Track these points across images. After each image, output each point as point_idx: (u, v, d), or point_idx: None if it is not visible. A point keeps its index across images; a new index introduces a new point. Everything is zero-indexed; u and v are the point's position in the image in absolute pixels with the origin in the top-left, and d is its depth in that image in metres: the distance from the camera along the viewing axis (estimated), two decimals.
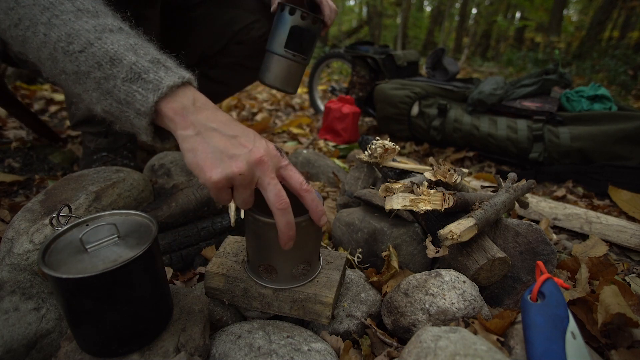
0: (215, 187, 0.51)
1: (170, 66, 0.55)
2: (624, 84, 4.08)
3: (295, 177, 0.56)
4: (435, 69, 2.24)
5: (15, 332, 0.53)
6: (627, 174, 1.38)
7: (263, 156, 0.52)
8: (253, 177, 0.52)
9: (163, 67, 0.53)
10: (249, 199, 0.54)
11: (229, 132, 0.53)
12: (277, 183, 0.53)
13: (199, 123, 0.52)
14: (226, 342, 0.57)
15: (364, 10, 14.82)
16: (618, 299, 0.62)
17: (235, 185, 0.52)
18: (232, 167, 0.50)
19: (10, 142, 1.45)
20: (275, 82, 1.09)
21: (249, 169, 0.51)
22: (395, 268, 0.76)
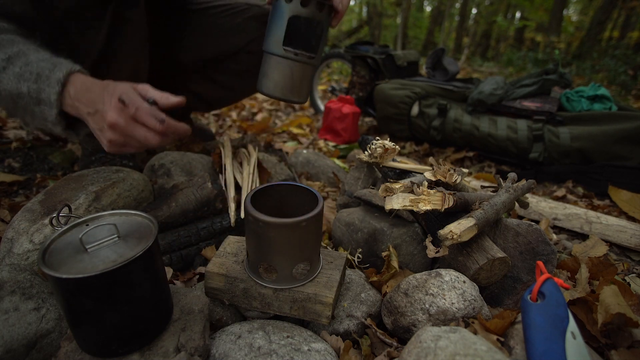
0: (111, 151, 0.74)
1: (48, 75, 0.71)
2: (624, 84, 4.08)
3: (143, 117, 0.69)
4: (435, 69, 2.24)
5: (15, 332, 0.53)
6: (627, 174, 1.38)
7: (112, 121, 0.69)
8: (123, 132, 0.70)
9: (45, 79, 0.71)
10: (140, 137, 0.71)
11: (92, 108, 0.71)
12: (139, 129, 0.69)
13: (83, 115, 0.73)
14: (226, 342, 0.57)
15: (364, 10, 14.82)
16: (618, 299, 0.62)
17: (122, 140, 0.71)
18: (105, 138, 0.72)
19: (10, 142, 1.45)
20: (275, 90, 0.88)
21: (112, 134, 0.70)
22: (395, 268, 0.76)
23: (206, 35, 1.20)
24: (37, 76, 0.71)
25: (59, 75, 0.71)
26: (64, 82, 0.71)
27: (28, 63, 0.71)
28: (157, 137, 0.70)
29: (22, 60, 0.72)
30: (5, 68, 0.71)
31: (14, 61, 0.71)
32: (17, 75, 0.71)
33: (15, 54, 0.72)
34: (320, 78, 4.27)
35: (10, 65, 0.71)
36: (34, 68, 0.71)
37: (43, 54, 0.74)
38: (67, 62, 0.74)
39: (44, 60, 0.72)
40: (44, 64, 0.72)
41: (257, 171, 1.02)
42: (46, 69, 0.71)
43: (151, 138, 0.69)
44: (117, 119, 0.67)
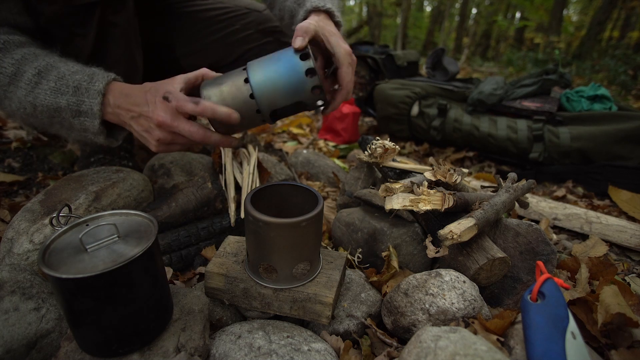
0: (159, 151, 0.74)
1: (87, 87, 0.72)
2: (624, 84, 4.08)
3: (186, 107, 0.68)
4: (435, 69, 2.24)
5: (15, 332, 0.53)
6: (627, 174, 1.38)
7: (160, 120, 0.68)
8: (170, 128, 0.70)
9: (85, 92, 0.72)
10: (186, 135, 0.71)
11: (136, 111, 0.71)
12: (184, 124, 0.69)
13: (125, 122, 0.74)
14: (226, 342, 0.57)
15: (364, 10, 14.83)
16: (618, 299, 0.62)
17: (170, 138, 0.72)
18: (154, 139, 0.72)
19: (10, 142, 1.45)
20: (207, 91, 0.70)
21: (160, 133, 0.71)
22: (395, 268, 0.76)
23: (204, 39, 1.19)
24: (75, 89, 0.71)
25: (99, 86, 0.71)
26: (104, 92, 0.72)
27: (62, 77, 0.72)
28: (201, 130, 0.70)
29: (54, 74, 0.72)
30: (37, 83, 0.71)
31: (46, 75, 0.72)
32: (54, 89, 0.71)
33: (45, 68, 0.72)
34: None
35: (43, 80, 0.72)
36: (70, 81, 0.71)
37: (71, 65, 0.74)
38: (101, 71, 0.75)
39: (77, 72, 0.73)
40: (79, 77, 0.72)
41: (257, 171, 1.02)
42: (84, 81, 0.72)
43: (195, 132, 0.69)
44: (164, 116, 0.68)
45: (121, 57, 0.94)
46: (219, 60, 1.23)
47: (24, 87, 0.72)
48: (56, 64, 0.74)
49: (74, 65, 0.75)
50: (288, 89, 0.65)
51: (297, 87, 0.65)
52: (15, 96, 0.73)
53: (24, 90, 0.72)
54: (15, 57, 0.72)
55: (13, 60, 0.72)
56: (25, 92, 0.72)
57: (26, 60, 0.73)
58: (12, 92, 0.73)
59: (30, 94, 0.72)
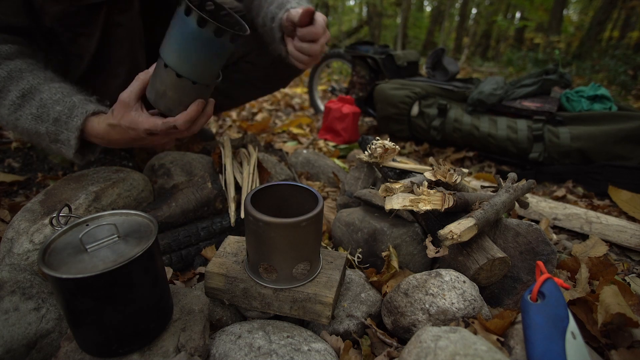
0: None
1: (66, 121, 0.75)
2: (624, 84, 4.08)
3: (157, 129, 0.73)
4: (435, 69, 2.24)
5: (15, 332, 0.53)
6: (627, 174, 1.38)
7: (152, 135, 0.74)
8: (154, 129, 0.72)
9: (64, 124, 0.75)
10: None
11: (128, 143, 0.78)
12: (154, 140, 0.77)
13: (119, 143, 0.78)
14: (226, 342, 0.57)
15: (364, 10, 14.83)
16: (618, 299, 0.62)
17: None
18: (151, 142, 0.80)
19: (10, 142, 1.45)
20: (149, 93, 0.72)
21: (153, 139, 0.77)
22: (395, 268, 0.76)
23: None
24: (55, 120, 0.75)
25: (77, 123, 0.75)
26: (81, 128, 0.75)
27: (44, 105, 0.75)
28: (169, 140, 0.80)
29: (37, 100, 0.75)
30: (20, 106, 0.75)
31: (29, 100, 0.75)
32: (35, 116, 0.75)
33: (29, 91, 0.75)
34: (320, 78, 4.28)
35: (26, 104, 0.75)
36: (51, 111, 0.75)
37: (54, 91, 0.76)
38: (81, 104, 0.77)
39: (59, 101, 0.76)
40: (60, 108, 0.75)
41: (257, 171, 1.02)
42: (63, 115, 0.75)
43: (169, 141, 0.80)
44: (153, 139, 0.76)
45: (125, 57, 0.94)
46: None
47: (8, 106, 0.75)
48: (40, 87, 0.76)
49: (57, 90, 0.77)
50: (198, 48, 0.64)
51: (203, 42, 0.63)
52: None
53: (7, 109, 0.75)
54: (1, 74, 0.74)
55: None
56: (9, 112, 0.75)
57: (12, 78, 0.75)
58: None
59: (12, 114, 0.75)
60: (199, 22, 0.61)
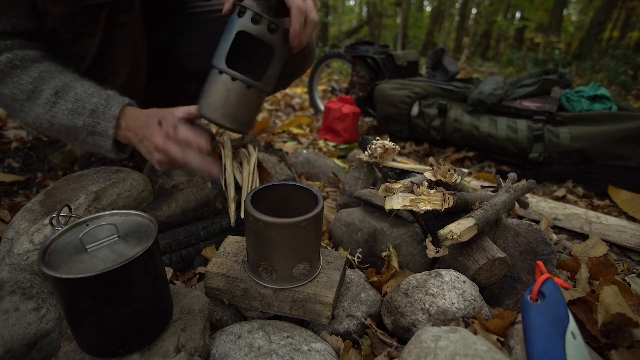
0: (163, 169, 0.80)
1: (104, 111, 0.77)
2: (624, 84, 4.08)
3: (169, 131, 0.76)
4: (435, 69, 2.24)
5: (15, 332, 0.53)
6: (627, 174, 1.38)
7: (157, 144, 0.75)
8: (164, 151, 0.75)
9: (102, 114, 0.77)
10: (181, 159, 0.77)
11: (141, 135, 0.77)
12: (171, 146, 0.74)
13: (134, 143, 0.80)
14: (226, 342, 0.57)
15: (364, 10, 14.83)
16: (618, 299, 0.62)
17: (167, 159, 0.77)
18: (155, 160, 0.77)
19: (10, 142, 1.45)
20: (208, 111, 0.74)
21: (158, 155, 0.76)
22: (395, 268, 0.76)
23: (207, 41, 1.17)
24: (92, 112, 0.76)
25: (115, 112, 0.76)
26: (118, 116, 0.77)
27: (79, 99, 0.76)
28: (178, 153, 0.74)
29: (71, 95, 0.76)
30: (55, 103, 0.75)
31: (64, 96, 0.76)
32: (71, 110, 0.76)
33: (62, 88, 0.76)
34: (320, 78, 4.28)
35: (61, 100, 0.76)
36: (87, 104, 0.76)
37: (87, 86, 0.78)
38: (116, 95, 0.79)
39: (93, 94, 0.77)
40: (96, 100, 0.77)
41: (257, 171, 1.02)
42: (100, 105, 0.76)
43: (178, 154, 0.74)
44: (160, 140, 0.75)
45: (126, 58, 0.94)
46: None
47: (42, 105, 0.76)
48: (72, 84, 0.77)
49: (90, 86, 0.79)
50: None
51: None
52: (32, 112, 0.77)
53: (42, 108, 0.76)
54: (32, 74, 0.75)
55: (31, 79, 0.75)
56: (44, 110, 0.76)
57: (43, 78, 0.76)
58: (29, 107, 0.77)
59: (48, 112, 0.76)
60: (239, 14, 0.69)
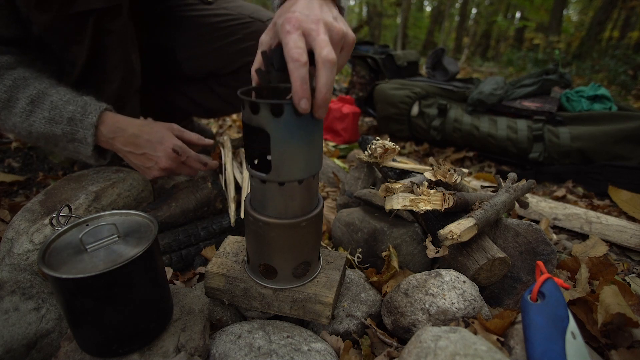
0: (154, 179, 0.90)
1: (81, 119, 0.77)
2: (624, 84, 4.08)
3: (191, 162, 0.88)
4: (435, 69, 2.24)
5: (15, 332, 0.53)
6: (627, 174, 1.38)
7: (166, 166, 0.82)
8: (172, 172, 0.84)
9: (79, 122, 0.77)
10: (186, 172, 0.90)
11: (138, 151, 0.81)
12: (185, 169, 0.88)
13: (119, 150, 0.82)
14: (226, 342, 0.57)
15: (364, 10, 14.83)
16: (618, 299, 0.62)
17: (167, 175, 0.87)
18: (152, 174, 0.84)
19: (10, 142, 1.45)
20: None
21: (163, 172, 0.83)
22: (395, 268, 0.76)
23: (205, 46, 1.16)
24: (70, 120, 0.76)
25: (93, 120, 0.77)
26: (96, 124, 0.77)
27: (55, 107, 0.76)
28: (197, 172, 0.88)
29: (47, 104, 0.76)
30: (32, 112, 0.75)
31: (39, 104, 0.75)
32: (48, 119, 0.76)
33: (37, 96, 0.75)
34: None
35: (37, 108, 0.75)
36: (64, 112, 0.76)
37: (63, 93, 0.78)
38: (92, 101, 0.79)
39: (69, 101, 0.77)
40: (72, 108, 0.76)
41: None
42: (77, 114, 0.76)
43: (193, 173, 0.88)
44: (171, 164, 0.80)
45: (119, 63, 0.93)
46: (221, 68, 1.21)
47: (19, 114, 0.75)
48: (48, 91, 0.77)
49: (65, 93, 0.78)
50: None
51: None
52: (9, 120, 0.77)
53: (19, 117, 0.76)
54: (6, 83, 0.75)
55: (5, 87, 0.74)
56: (21, 119, 0.76)
57: (18, 87, 0.75)
58: (6, 116, 0.76)
59: (25, 121, 0.76)
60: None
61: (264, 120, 0.48)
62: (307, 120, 0.49)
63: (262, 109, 0.47)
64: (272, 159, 0.51)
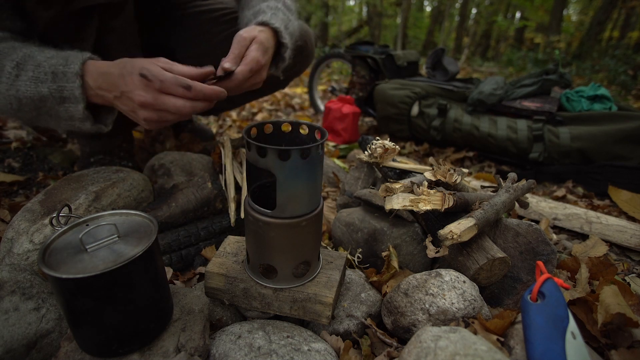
0: (151, 127, 0.75)
1: (64, 71, 0.70)
2: (624, 84, 4.08)
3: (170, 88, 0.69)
4: (435, 69, 2.24)
5: (15, 332, 0.53)
6: (627, 174, 1.38)
7: (142, 100, 0.68)
8: (154, 107, 0.69)
9: (63, 76, 0.70)
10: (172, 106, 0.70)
11: (117, 91, 0.70)
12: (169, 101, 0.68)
13: (109, 101, 0.73)
14: (226, 342, 0.57)
15: (364, 10, 14.83)
16: (618, 299, 0.62)
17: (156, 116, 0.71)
18: (140, 118, 0.72)
19: (10, 142, 1.45)
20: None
21: (145, 112, 0.70)
22: (395, 268, 0.76)
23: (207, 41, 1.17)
24: (53, 75, 0.70)
25: (75, 68, 0.69)
26: (81, 73, 0.70)
27: (38, 64, 0.70)
28: (188, 104, 0.68)
29: (31, 63, 0.71)
30: (17, 75, 0.71)
31: (24, 66, 0.71)
32: (32, 79, 0.70)
33: (22, 59, 0.71)
34: (320, 78, 4.28)
35: (22, 71, 0.70)
36: (47, 68, 0.70)
37: (47, 52, 0.73)
38: (74, 52, 0.73)
39: (52, 57, 0.71)
40: (54, 61, 0.70)
41: None
42: (59, 65, 0.70)
43: (182, 106, 0.68)
44: (145, 95, 0.67)
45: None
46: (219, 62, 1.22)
47: (5, 81, 0.71)
48: (33, 53, 0.72)
49: (50, 51, 0.73)
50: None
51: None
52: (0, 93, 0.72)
53: (6, 84, 0.71)
54: None
55: None
56: (7, 86, 0.71)
57: (4, 54, 0.71)
58: None
59: (12, 87, 0.71)
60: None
61: (271, 163, 0.52)
62: (311, 161, 0.53)
63: (269, 153, 0.51)
64: (278, 198, 0.55)
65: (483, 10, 14.29)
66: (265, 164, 0.52)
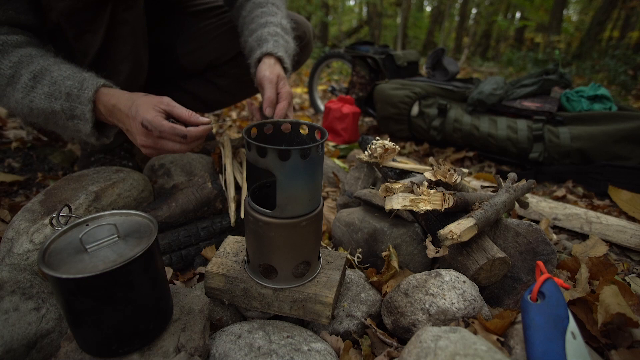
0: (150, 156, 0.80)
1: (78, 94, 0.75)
2: (624, 84, 4.08)
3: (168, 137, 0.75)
4: (435, 69, 2.24)
5: (15, 332, 0.53)
6: (627, 174, 1.38)
7: (143, 143, 0.75)
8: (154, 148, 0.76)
9: (76, 98, 0.75)
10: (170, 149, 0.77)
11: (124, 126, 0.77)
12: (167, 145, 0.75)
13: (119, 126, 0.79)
14: (226, 342, 0.57)
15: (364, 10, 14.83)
16: (618, 299, 0.62)
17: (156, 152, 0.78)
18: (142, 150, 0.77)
19: (10, 142, 1.45)
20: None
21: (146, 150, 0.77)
22: (395, 268, 0.76)
23: (206, 38, 1.19)
24: (67, 95, 0.75)
25: (89, 95, 0.75)
26: (94, 99, 0.76)
27: (55, 82, 0.75)
28: (184, 147, 0.76)
29: (48, 79, 0.75)
30: (33, 87, 0.75)
31: (40, 80, 0.75)
32: (48, 94, 0.75)
33: (40, 72, 0.75)
34: (320, 78, 4.28)
35: (38, 84, 0.75)
36: (62, 87, 0.75)
37: (64, 69, 0.77)
38: (91, 77, 0.78)
39: (69, 77, 0.76)
40: (70, 83, 0.75)
41: None
42: (75, 88, 0.75)
43: (178, 149, 0.76)
44: (145, 140, 0.74)
45: (128, 55, 0.95)
46: (219, 58, 1.24)
47: (21, 90, 0.75)
48: (50, 67, 0.76)
49: (67, 69, 0.78)
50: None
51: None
52: (12, 97, 0.76)
53: (21, 93, 0.75)
54: (12, 59, 0.75)
55: (11, 63, 0.74)
56: (22, 95, 0.75)
57: (23, 63, 0.75)
58: (10, 93, 0.76)
59: (26, 97, 0.76)
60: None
61: (272, 163, 0.52)
62: (311, 162, 0.54)
63: (269, 153, 0.52)
64: (278, 198, 0.55)
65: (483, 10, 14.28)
66: (265, 164, 0.53)
